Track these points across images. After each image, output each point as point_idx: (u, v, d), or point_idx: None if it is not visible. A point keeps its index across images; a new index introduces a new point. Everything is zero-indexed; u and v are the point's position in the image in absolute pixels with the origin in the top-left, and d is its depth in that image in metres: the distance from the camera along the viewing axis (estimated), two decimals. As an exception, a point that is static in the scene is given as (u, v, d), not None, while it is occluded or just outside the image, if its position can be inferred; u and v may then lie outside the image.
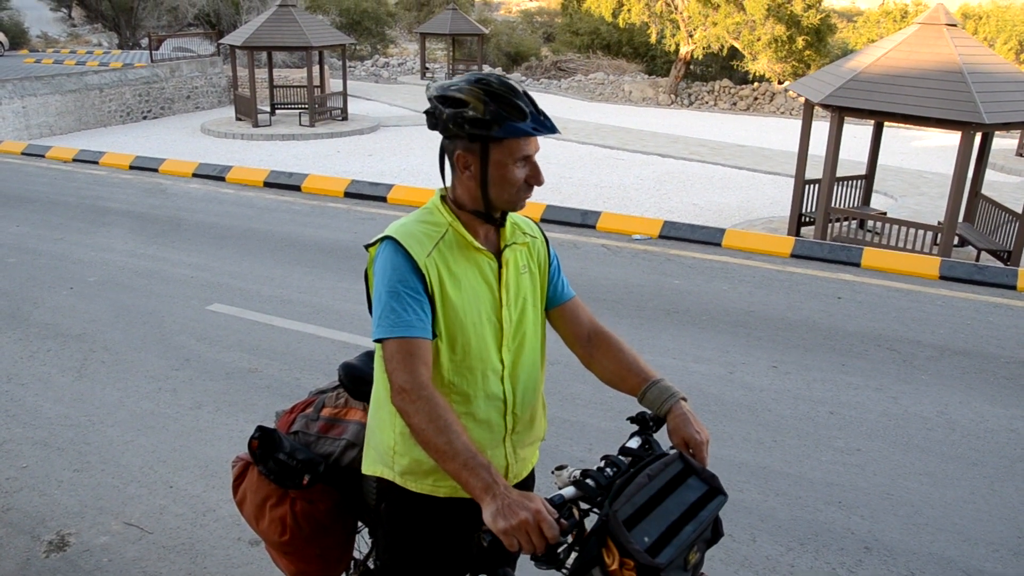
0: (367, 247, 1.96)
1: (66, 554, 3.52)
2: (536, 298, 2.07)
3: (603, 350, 2.10)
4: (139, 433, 4.57)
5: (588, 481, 1.74)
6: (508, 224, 2.02)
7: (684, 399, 1.95)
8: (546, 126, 1.88)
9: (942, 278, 7.84)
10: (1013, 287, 7.61)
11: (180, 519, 3.78)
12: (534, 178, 1.90)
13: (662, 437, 1.97)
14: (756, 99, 25.39)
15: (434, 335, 1.89)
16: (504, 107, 1.83)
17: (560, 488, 1.78)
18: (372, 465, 2.08)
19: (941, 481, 4.32)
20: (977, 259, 9.64)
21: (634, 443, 1.91)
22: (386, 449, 2.02)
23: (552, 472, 1.93)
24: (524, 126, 1.83)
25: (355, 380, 2.41)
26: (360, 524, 2.59)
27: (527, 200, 1.94)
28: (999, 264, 9.14)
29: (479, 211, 1.93)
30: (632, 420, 1.98)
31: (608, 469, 1.78)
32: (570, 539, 1.64)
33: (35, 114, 17.82)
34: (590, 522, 1.74)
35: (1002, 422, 5.00)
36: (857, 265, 8.20)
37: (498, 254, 1.98)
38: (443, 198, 1.98)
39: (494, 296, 1.96)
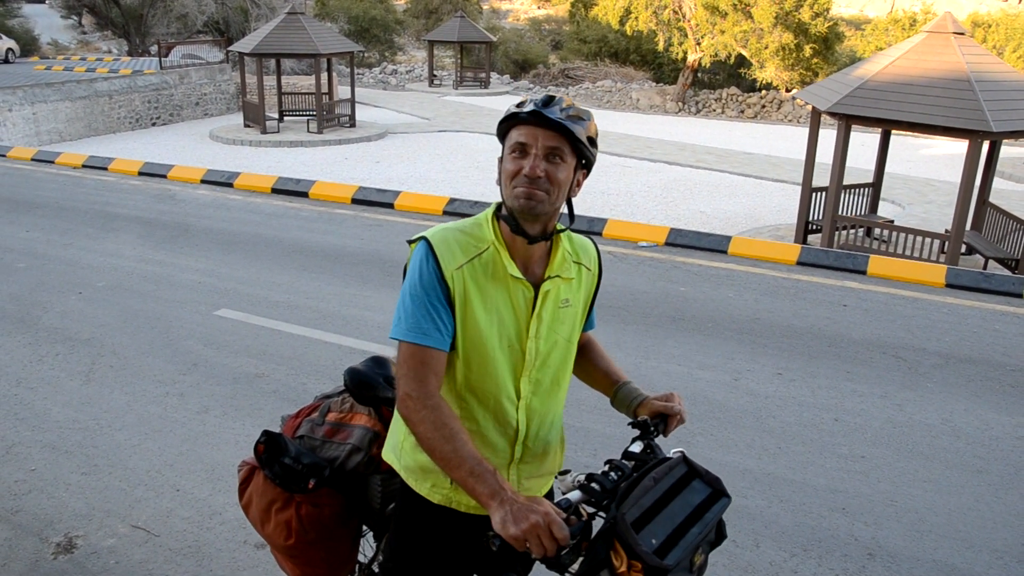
0: (409, 242, 1.93)
1: (74, 556, 3.55)
2: (573, 333, 2.01)
3: (582, 355, 2.20)
4: (146, 437, 4.60)
5: (593, 485, 1.75)
6: (560, 254, 1.93)
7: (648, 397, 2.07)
8: (535, 109, 1.77)
9: (948, 286, 7.83)
10: (1020, 295, 7.60)
11: (187, 522, 3.81)
12: (523, 167, 1.79)
13: (664, 443, 1.99)
14: (764, 107, 25.40)
15: (453, 348, 1.87)
16: (520, 103, 1.83)
17: (564, 493, 1.80)
18: (387, 452, 2.10)
19: (945, 488, 4.32)
20: (984, 267, 9.62)
21: (636, 447, 1.93)
22: (397, 442, 2.05)
23: (556, 477, 1.94)
24: (516, 110, 1.82)
25: (360, 385, 2.42)
26: (365, 528, 2.61)
27: (535, 199, 1.79)
28: (1006, 272, 9.12)
29: (508, 217, 1.86)
30: (633, 425, 2.00)
31: (612, 473, 1.79)
32: (575, 543, 1.65)
33: (45, 120, 17.96)
34: (595, 526, 1.76)
35: (1007, 430, 4.99)
36: (863, 273, 8.19)
37: (538, 283, 1.91)
38: (497, 212, 1.92)
39: (520, 325, 1.90)
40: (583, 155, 1.84)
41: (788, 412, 5.14)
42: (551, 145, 1.79)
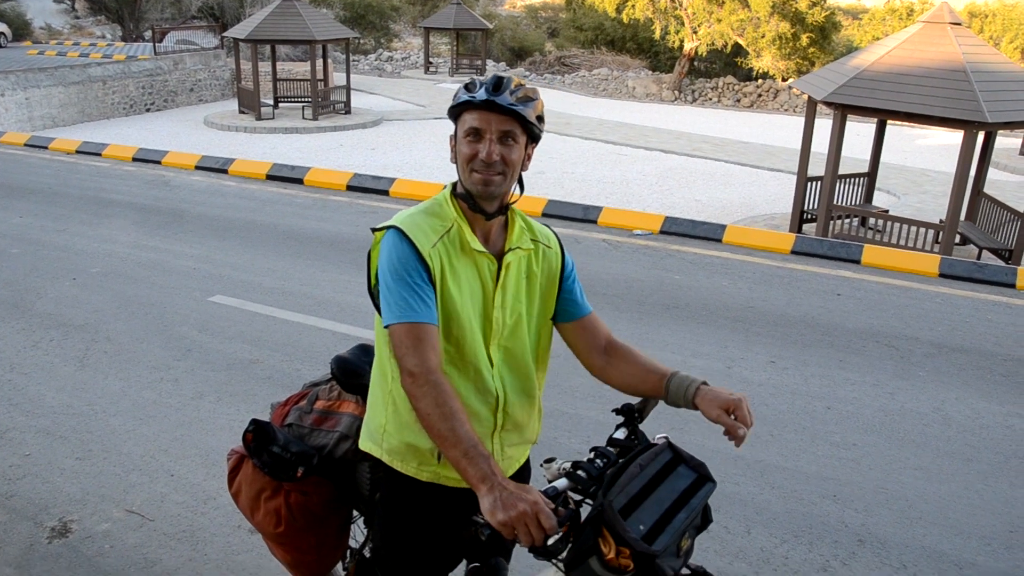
0: (374, 230, 1.98)
1: (68, 540, 3.56)
2: (535, 304, 2.07)
3: (619, 358, 2.09)
4: (141, 422, 4.61)
5: (580, 472, 1.76)
6: (516, 228, 2.02)
7: (705, 383, 1.93)
8: (480, 95, 1.85)
9: (942, 276, 7.86)
10: (1012, 285, 7.63)
11: (181, 507, 3.82)
12: (479, 152, 1.87)
13: (647, 428, 2.00)
14: (760, 96, 25.37)
15: None
16: (467, 87, 1.90)
17: (550, 480, 1.81)
18: (364, 441, 2.14)
19: (935, 476, 4.35)
20: (978, 257, 9.65)
21: (621, 434, 1.95)
22: (377, 427, 2.07)
23: (541, 465, 1.96)
24: (467, 95, 1.88)
25: (347, 373, 2.42)
26: (355, 514, 2.62)
27: (493, 183, 1.89)
28: (1000, 263, 9.15)
29: (464, 196, 1.95)
30: (617, 412, 2.01)
31: (598, 460, 1.80)
32: (561, 533, 1.66)
33: (38, 105, 17.86)
34: (582, 513, 1.77)
35: (997, 418, 5.03)
36: (857, 262, 8.21)
37: (500, 256, 2.00)
38: (454, 191, 2.00)
39: (487, 295, 1.97)
40: (532, 133, 1.94)
41: (781, 400, 5.17)
42: (504, 129, 1.88)
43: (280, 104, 19.67)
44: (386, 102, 22.38)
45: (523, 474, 2.21)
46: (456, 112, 1.92)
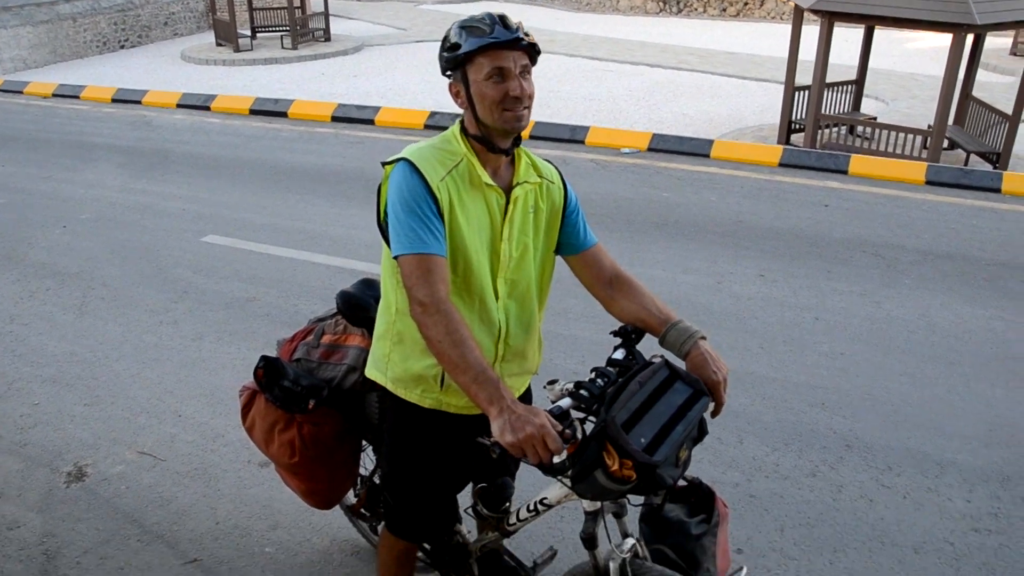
0: (384, 164, 2.02)
1: (85, 484, 3.68)
2: (540, 239, 2.13)
3: (623, 293, 2.16)
4: (144, 366, 4.70)
5: (583, 392, 1.86)
6: (523, 163, 2.07)
7: (703, 338, 2.01)
8: (504, 34, 1.88)
9: (928, 183, 7.90)
10: (998, 190, 7.69)
11: (191, 446, 3.94)
12: (511, 90, 1.90)
13: (643, 348, 2.08)
14: (746, 4, 24.80)
15: None
16: (470, 29, 1.90)
17: (554, 400, 1.91)
18: (370, 370, 2.23)
19: (920, 381, 4.49)
20: (966, 162, 9.65)
21: (619, 355, 2.04)
22: (382, 356, 2.16)
23: (544, 386, 2.05)
24: (485, 38, 1.88)
25: (352, 307, 2.50)
26: (364, 443, 2.73)
27: (524, 118, 1.93)
28: (987, 167, 9.17)
29: (480, 137, 1.98)
30: (615, 334, 2.10)
31: (599, 380, 1.90)
32: (566, 452, 1.76)
33: (6, 47, 17.39)
34: (586, 429, 1.88)
35: (980, 322, 5.15)
36: (844, 172, 8.24)
37: (508, 190, 2.04)
38: (462, 127, 2.04)
39: (495, 229, 2.03)
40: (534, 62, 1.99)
41: (770, 313, 5.28)
42: (523, 63, 1.94)
43: (258, 34, 19.17)
44: (366, 27, 21.86)
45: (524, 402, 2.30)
46: (467, 57, 1.90)
